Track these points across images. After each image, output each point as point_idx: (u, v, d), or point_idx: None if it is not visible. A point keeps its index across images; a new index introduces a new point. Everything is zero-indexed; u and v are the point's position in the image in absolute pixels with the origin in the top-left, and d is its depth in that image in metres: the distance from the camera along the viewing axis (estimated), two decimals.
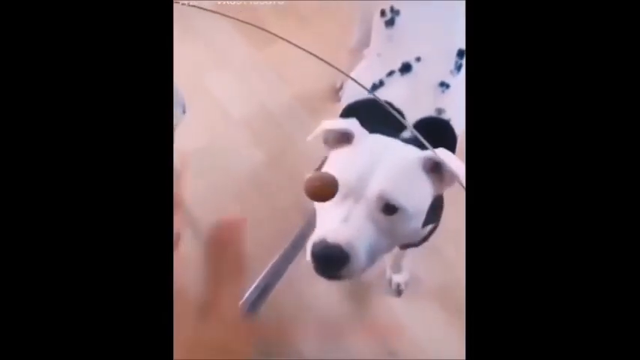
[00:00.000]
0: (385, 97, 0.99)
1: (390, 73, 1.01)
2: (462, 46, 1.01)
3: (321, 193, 0.57)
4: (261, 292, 0.55)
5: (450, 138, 0.98)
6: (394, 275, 1.27)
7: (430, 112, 0.98)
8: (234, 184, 1.43)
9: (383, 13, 1.06)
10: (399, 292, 1.28)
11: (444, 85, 0.99)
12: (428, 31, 1.04)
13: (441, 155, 0.81)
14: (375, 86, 1.01)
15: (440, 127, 0.97)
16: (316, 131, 0.87)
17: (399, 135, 0.89)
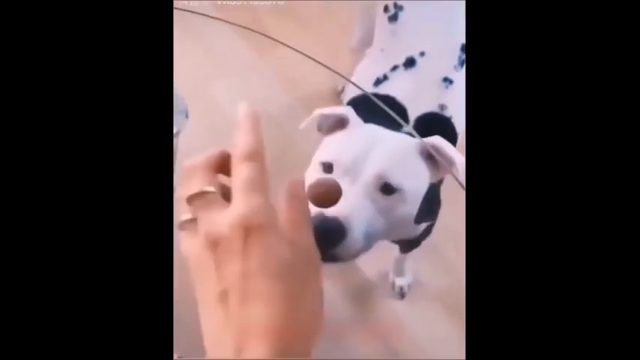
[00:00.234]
0: (389, 91, 1.00)
1: (394, 67, 1.01)
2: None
3: (325, 199, 0.56)
4: None
5: (450, 135, 0.98)
6: (397, 279, 1.28)
7: (433, 108, 0.98)
8: None
9: (386, 8, 1.06)
10: (402, 295, 1.28)
11: (447, 81, 0.99)
12: (431, 26, 1.04)
13: (437, 142, 0.81)
14: (379, 81, 1.01)
15: (440, 124, 0.97)
16: (310, 118, 0.86)
17: (398, 130, 0.89)
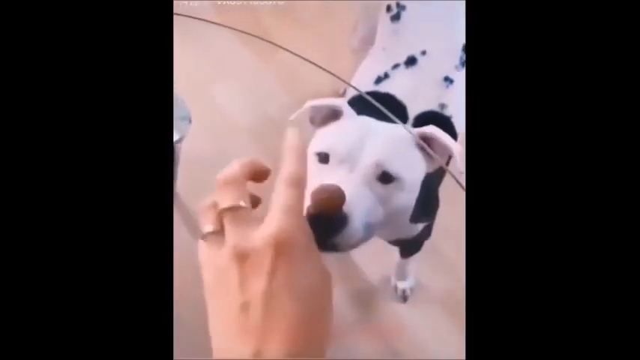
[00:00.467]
0: (389, 89, 1.00)
1: (396, 65, 1.02)
2: None
3: (328, 205, 0.55)
4: None
5: (450, 134, 0.97)
6: (399, 282, 1.28)
7: (433, 107, 0.98)
8: None
9: (389, 8, 1.07)
10: (404, 298, 1.29)
11: (448, 80, 1.00)
12: (434, 26, 1.04)
13: (432, 131, 0.81)
14: (380, 79, 1.02)
15: (440, 123, 0.96)
16: (302, 109, 0.85)
17: None
